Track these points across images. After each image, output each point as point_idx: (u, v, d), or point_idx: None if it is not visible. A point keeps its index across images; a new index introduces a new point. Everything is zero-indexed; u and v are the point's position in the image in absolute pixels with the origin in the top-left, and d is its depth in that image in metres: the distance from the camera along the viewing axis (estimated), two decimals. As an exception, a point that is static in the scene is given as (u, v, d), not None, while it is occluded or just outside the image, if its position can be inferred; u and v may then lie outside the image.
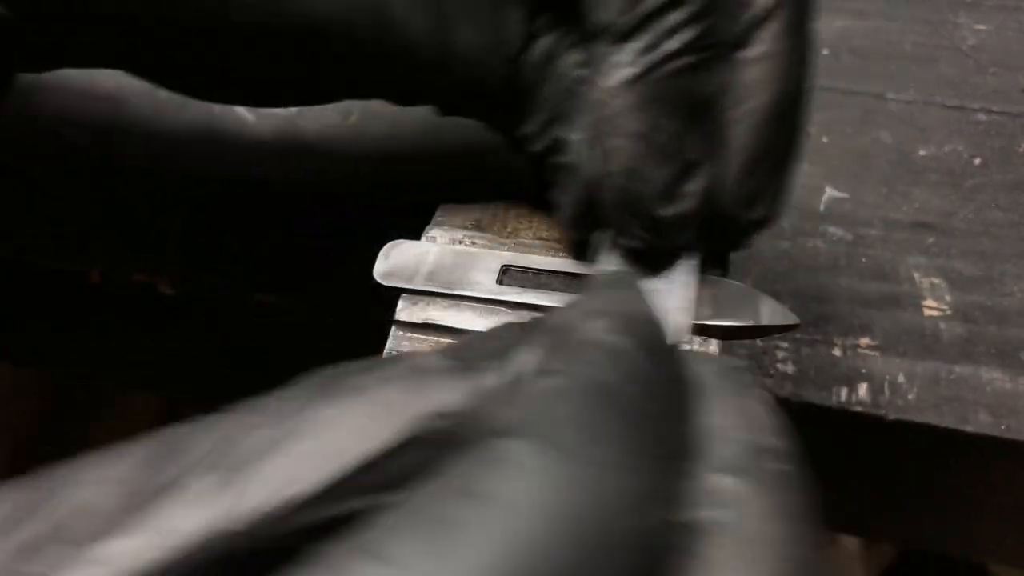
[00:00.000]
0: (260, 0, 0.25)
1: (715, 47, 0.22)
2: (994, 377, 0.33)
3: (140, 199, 0.38)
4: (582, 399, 0.14)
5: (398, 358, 0.16)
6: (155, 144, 0.40)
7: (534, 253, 0.26)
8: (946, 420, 0.32)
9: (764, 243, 0.37)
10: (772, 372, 0.34)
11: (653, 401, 0.15)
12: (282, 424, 0.15)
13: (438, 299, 0.25)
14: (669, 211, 0.22)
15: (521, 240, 0.26)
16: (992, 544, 0.40)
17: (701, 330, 0.24)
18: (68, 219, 0.38)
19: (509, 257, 0.26)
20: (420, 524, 0.12)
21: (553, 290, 0.25)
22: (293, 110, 0.40)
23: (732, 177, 0.23)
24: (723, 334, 0.24)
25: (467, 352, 0.16)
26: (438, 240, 0.26)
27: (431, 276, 0.25)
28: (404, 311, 0.25)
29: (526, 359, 0.16)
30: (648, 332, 0.16)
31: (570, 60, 0.25)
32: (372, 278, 0.25)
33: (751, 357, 0.34)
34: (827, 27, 0.47)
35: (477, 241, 0.26)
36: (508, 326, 0.17)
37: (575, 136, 0.24)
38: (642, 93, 0.22)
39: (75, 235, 0.37)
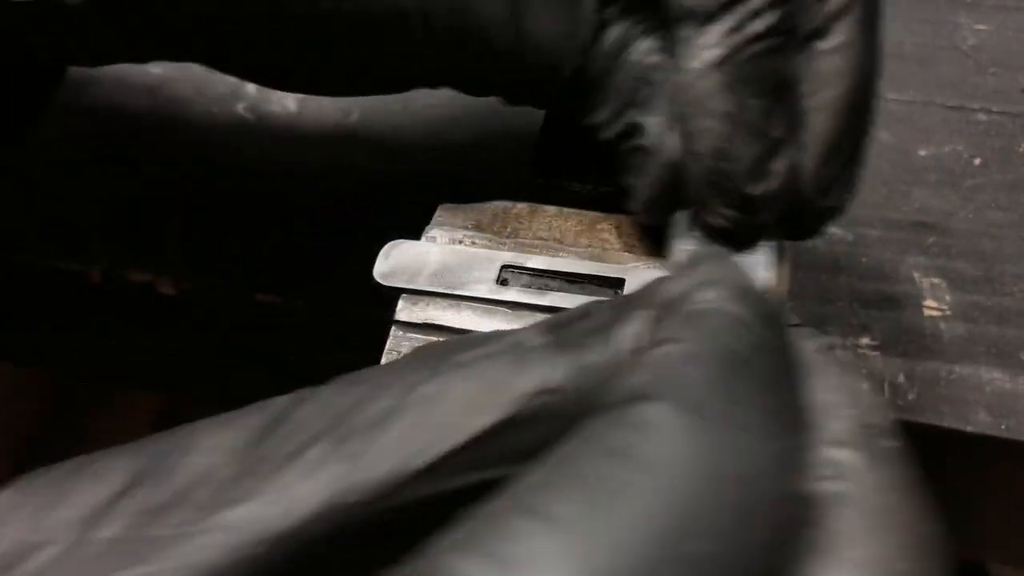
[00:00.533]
0: None
1: (795, 31, 0.23)
2: (994, 377, 0.33)
3: (140, 199, 0.38)
4: (713, 364, 0.14)
5: (498, 334, 0.17)
6: (155, 144, 0.40)
7: (534, 253, 0.26)
8: (946, 420, 0.32)
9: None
10: (772, 372, 0.34)
11: (776, 372, 0.15)
12: (389, 398, 0.15)
13: (438, 299, 0.25)
14: (758, 188, 0.23)
15: (521, 240, 0.26)
16: (992, 544, 0.40)
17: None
18: (68, 219, 0.38)
19: (509, 257, 0.26)
20: (575, 483, 0.12)
21: (553, 290, 0.25)
22: (293, 110, 0.40)
23: (811, 162, 0.24)
24: (723, 334, 0.24)
25: (564, 329, 0.16)
26: (438, 240, 0.26)
27: (431, 276, 0.25)
28: (404, 311, 0.25)
29: (632, 332, 0.16)
30: (761, 303, 0.16)
31: (642, 47, 0.25)
32: (372, 278, 0.25)
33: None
34: (827, 27, 0.46)
35: (477, 241, 0.26)
36: (597, 304, 0.18)
37: (652, 120, 0.25)
38: (729, 73, 0.23)
39: (75, 235, 0.37)
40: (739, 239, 0.24)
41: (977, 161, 0.40)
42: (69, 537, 0.13)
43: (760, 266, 0.24)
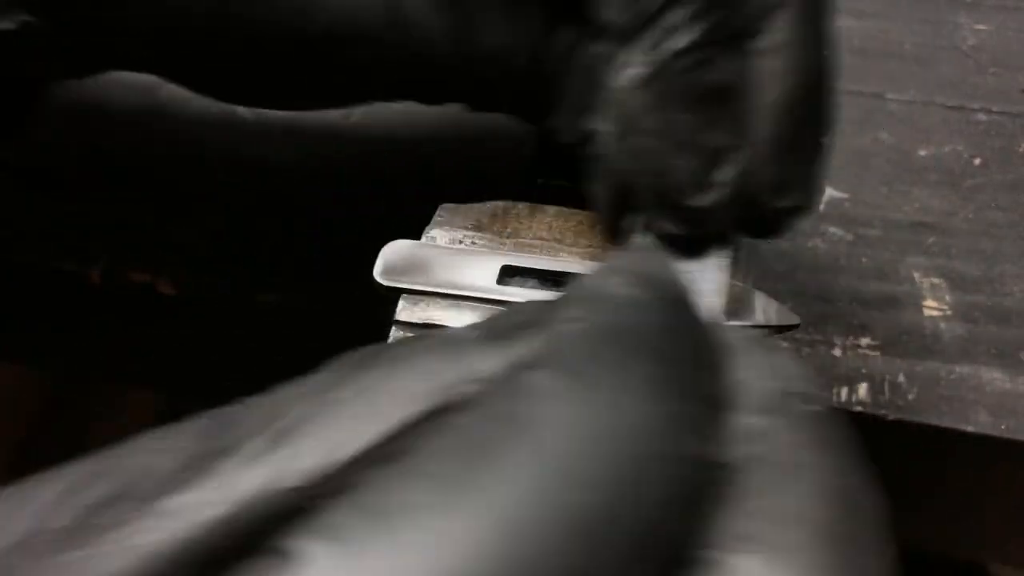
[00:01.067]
0: (275, 11, 0.25)
1: (724, 41, 0.23)
2: (994, 377, 0.33)
3: (139, 199, 0.38)
4: (600, 337, 0.15)
5: (433, 332, 0.17)
6: (154, 144, 0.40)
7: (534, 253, 0.26)
8: (946, 420, 0.32)
9: (764, 243, 0.37)
10: (772, 372, 0.34)
11: (674, 346, 0.15)
12: (326, 393, 0.15)
13: (438, 299, 0.25)
14: (700, 201, 0.23)
15: (521, 240, 0.26)
16: (992, 544, 0.40)
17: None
18: (68, 219, 0.38)
19: (509, 257, 0.26)
20: (458, 446, 0.13)
21: (553, 290, 0.25)
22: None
23: (761, 165, 0.23)
24: (723, 334, 0.24)
25: (498, 325, 0.17)
26: (438, 240, 0.26)
27: (431, 276, 0.25)
28: (404, 311, 0.25)
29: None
30: (664, 288, 0.17)
31: (592, 51, 0.25)
32: (372, 278, 0.25)
33: (751, 357, 0.34)
34: (827, 27, 0.46)
35: (477, 241, 0.26)
36: (534, 302, 0.18)
37: (602, 128, 0.24)
38: (655, 92, 0.22)
39: (75, 235, 0.37)
40: (691, 247, 0.24)
41: (977, 161, 0.40)
42: (22, 527, 0.14)
43: (709, 270, 0.24)
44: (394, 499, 0.12)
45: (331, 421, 0.15)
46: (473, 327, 0.17)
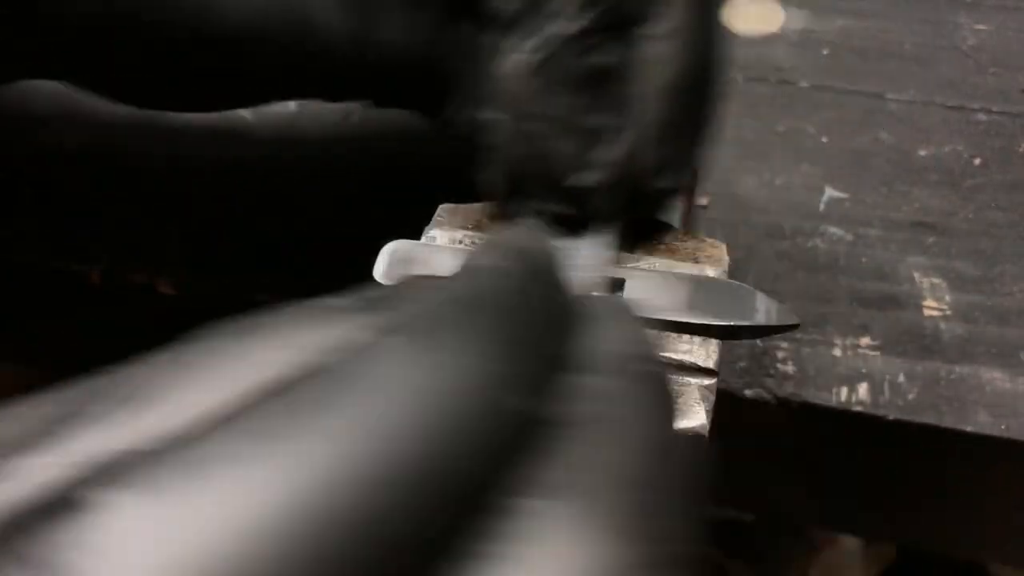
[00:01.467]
0: (173, 12, 0.25)
1: (609, 28, 0.23)
2: (994, 377, 0.33)
3: (139, 198, 0.38)
4: (453, 303, 0.15)
5: (307, 302, 0.17)
6: (154, 144, 0.40)
7: (534, 253, 0.26)
8: (946, 420, 0.32)
9: (764, 243, 0.37)
10: (772, 372, 0.34)
11: (523, 311, 0.16)
12: (181, 357, 0.15)
13: (438, 299, 0.25)
14: (581, 181, 0.23)
15: (521, 240, 0.26)
16: (992, 544, 0.40)
17: (702, 330, 0.24)
18: (68, 219, 0.38)
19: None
20: (290, 403, 0.13)
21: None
22: (293, 110, 0.40)
23: (642, 147, 0.24)
24: (723, 334, 0.24)
25: (369, 296, 0.17)
26: (438, 240, 0.26)
27: (431, 276, 0.25)
28: (404, 311, 0.25)
29: None
30: (528, 259, 0.17)
31: (482, 40, 0.25)
32: (372, 278, 0.25)
33: (751, 357, 0.34)
34: (827, 27, 0.47)
35: (477, 241, 0.26)
36: (412, 277, 0.18)
37: (492, 116, 0.25)
38: (537, 76, 0.23)
39: (75, 235, 0.37)
40: (573, 226, 0.24)
41: (977, 161, 0.40)
42: None
43: (593, 248, 0.24)
44: (211, 452, 0.12)
45: (178, 383, 0.15)
46: (345, 297, 0.17)
